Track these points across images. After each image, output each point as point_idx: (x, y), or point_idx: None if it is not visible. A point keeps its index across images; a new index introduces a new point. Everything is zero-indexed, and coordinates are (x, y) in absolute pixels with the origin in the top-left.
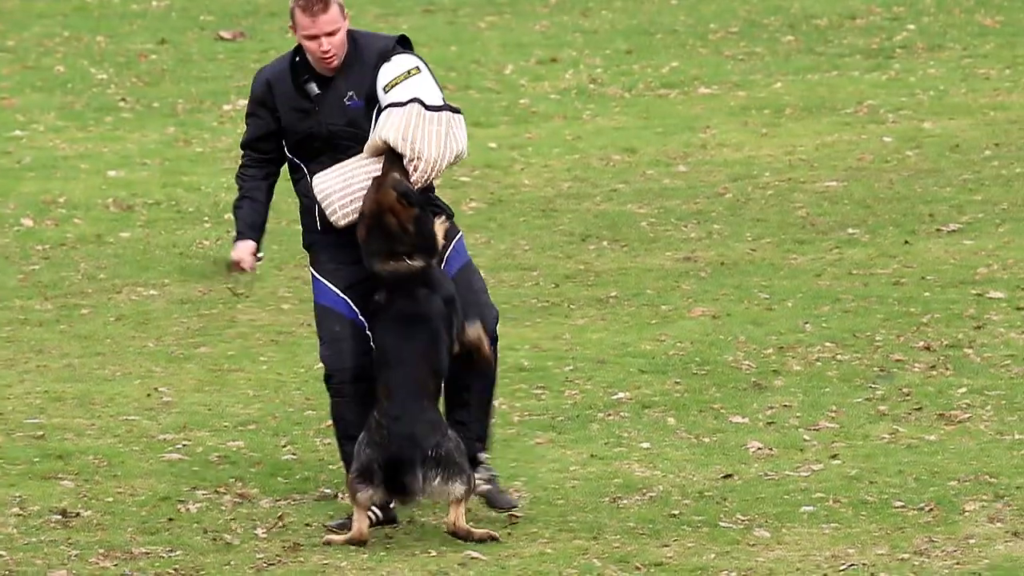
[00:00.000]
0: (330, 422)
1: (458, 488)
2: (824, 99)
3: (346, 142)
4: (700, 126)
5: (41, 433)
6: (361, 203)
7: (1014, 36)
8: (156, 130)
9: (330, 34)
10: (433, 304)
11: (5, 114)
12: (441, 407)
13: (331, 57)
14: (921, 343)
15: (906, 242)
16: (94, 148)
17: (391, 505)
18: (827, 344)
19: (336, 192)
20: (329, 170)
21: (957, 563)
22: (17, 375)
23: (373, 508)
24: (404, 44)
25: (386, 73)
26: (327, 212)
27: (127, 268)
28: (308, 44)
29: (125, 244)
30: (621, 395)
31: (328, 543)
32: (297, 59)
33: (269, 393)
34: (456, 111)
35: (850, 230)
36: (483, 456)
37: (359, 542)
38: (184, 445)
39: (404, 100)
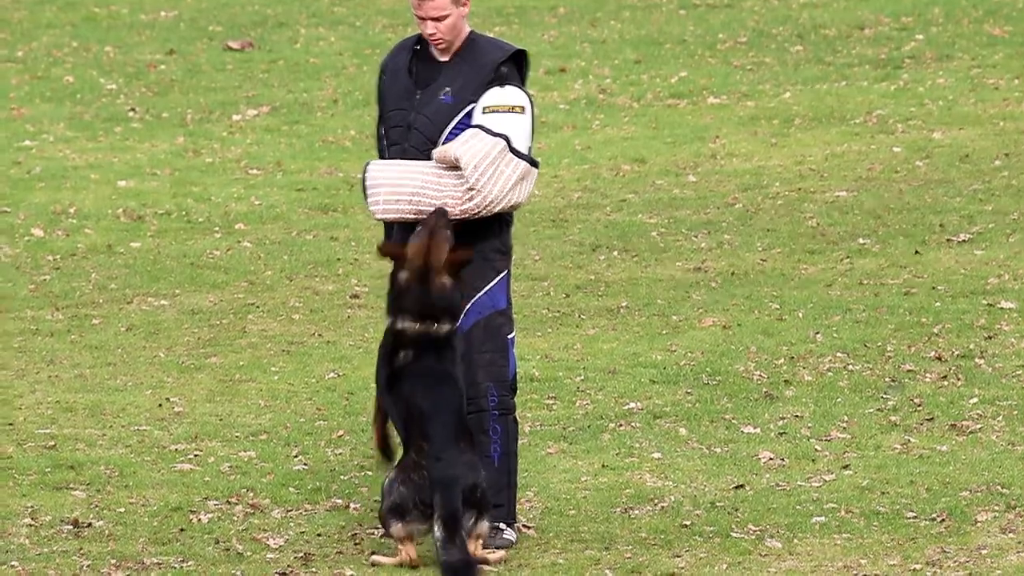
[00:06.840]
0: (341, 432)
1: (483, 526)
2: (833, 109)
3: (422, 137)
4: (709, 136)
5: (52, 443)
6: (404, 204)
7: (1023, 46)
8: (165, 140)
9: (437, 19)
10: (457, 365)
11: (15, 124)
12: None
13: (438, 40)
14: (932, 353)
15: (916, 252)
16: (104, 158)
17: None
18: (838, 354)
19: (386, 185)
20: (388, 161)
21: (969, 574)
22: (28, 385)
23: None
24: (519, 59)
25: (493, 96)
26: (369, 199)
27: (138, 278)
28: (418, 23)
29: (135, 254)
30: (632, 405)
31: (374, 564)
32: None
33: (280, 403)
34: (534, 165)
35: (860, 240)
36: (503, 527)
37: (411, 566)
38: (195, 455)
39: (495, 131)
